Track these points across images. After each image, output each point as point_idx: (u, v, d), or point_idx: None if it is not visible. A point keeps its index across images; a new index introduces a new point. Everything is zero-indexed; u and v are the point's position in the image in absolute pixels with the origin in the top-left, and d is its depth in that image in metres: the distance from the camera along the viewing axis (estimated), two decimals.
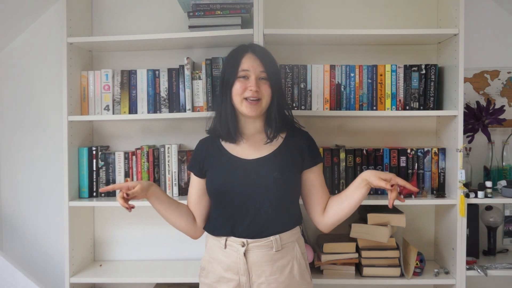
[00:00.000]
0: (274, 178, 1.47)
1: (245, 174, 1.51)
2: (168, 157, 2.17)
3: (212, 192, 1.57)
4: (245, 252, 1.48)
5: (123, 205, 1.44)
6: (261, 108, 1.50)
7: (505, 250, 2.27)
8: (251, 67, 1.48)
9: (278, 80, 1.55)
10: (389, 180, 1.45)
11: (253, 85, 1.47)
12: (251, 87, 1.47)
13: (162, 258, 2.35)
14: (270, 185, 1.47)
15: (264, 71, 1.49)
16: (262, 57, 1.51)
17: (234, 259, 1.50)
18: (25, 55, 2.37)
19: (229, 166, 1.53)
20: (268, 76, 1.50)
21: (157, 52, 2.31)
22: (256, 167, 1.51)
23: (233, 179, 1.50)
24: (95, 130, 2.36)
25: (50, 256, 2.38)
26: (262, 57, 1.51)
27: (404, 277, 2.02)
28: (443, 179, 2.15)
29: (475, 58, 2.27)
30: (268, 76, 1.50)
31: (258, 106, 1.49)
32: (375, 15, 2.28)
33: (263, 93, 1.49)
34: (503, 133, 2.27)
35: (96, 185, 2.19)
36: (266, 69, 1.50)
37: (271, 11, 2.24)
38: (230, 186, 1.51)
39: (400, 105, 2.11)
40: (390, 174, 1.47)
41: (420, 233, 2.29)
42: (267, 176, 1.48)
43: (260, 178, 1.49)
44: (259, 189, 1.47)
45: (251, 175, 1.50)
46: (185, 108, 2.12)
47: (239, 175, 1.51)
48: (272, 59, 1.55)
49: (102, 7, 2.35)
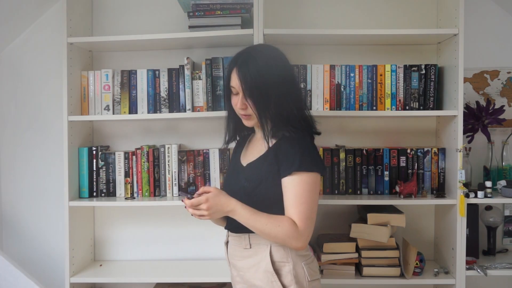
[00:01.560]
0: (242, 186, 1.48)
1: (229, 178, 1.63)
2: (168, 157, 2.17)
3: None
4: (227, 243, 1.59)
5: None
6: (254, 121, 1.49)
7: (505, 250, 2.27)
8: (235, 84, 1.46)
9: (265, 92, 1.42)
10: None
11: (238, 103, 1.46)
12: (237, 104, 1.47)
13: (162, 258, 2.35)
14: (238, 192, 1.47)
15: (246, 88, 1.43)
16: (244, 74, 1.43)
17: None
18: (25, 55, 2.37)
19: (229, 169, 1.60)
20: (249, 93, 1.42)
21: (157, 52, 2.31)
22: (239, 173, 1.54)
23: (224, 181, 1.61)
24: (95, 130, 2.36)
25: (50, 256, 2.38)
26: (244, 73, 1.43)
27: (404, 277, 2.02)
28: (443, 179, 2.15)
29: (475, 58, 2.27)
30: (250, 93, 1.42)
31: (250, 119, 1.49)
32: (375, 15, 2.28)
33: (250, 110, 1.45)
34: (503, 133, 2.27)
35: (96, 185, 2.19)
36: (246, 86, 1.42)
37: (271, 11, 2.24)
38: (223, 187, 1.58)
39: (400, 105, 2.11)
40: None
41: (420, 233, 2.29)
42: (236, 185, 1.52)
43: (232, 186, 1.54)
44: (232, 195, 1.46)
45: (231, 180, 1.60)
46: (185, 108, 2.12)
47: (226, 179, 1.59)
48: (256, 71, 1.42)
49: (102, 7, 2.35)
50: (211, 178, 2.19)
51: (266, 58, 1.45)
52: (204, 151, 2.20)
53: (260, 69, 1.42)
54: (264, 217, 1.39)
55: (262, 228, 1.39)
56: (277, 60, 1.47)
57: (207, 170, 2.20)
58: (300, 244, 1.39)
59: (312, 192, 1.40)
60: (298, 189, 1.39)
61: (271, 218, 1.39)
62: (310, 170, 1.40)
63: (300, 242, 1.38)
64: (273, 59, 1.46)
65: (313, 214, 1.41)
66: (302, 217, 1.38)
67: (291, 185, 1.40)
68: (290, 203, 1.40)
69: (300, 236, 1.37)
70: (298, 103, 1.49)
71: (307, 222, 1.38)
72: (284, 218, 1.39)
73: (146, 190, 2.17)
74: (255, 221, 1.39)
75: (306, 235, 1.39)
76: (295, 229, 1.37)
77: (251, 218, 1.40)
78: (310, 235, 1.40)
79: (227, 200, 1.41)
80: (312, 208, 1.40)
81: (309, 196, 1.39)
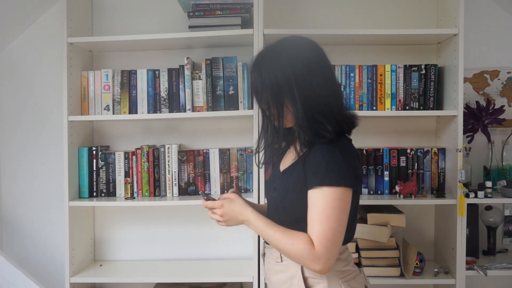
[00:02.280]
0: (272, 196, 1.39)
1: (266, 183, 1.50)
2: (168, 157, 2.17)
3: None
4: (264, 255, 1.44)
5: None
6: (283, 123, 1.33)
7: (505, 250, 2.27)
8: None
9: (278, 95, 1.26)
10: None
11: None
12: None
13: (162, 258, 2.35)
14: (269, 201, 1.43)
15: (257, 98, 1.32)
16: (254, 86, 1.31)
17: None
18: (25, 55, 2.37)
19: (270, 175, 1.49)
20: (260, 100, 1.30)
21: (157, 52, 2.31)
22: (273, 180, 1.42)
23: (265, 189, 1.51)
24: (95, 130, 2.36)
25: (50, 256, 2.38)
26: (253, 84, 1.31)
27: (404, 277, 2.02)
28: (443, 179, 2.15)
29: (475, 58, 2.27)
30: (260, 100, 1.30)
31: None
32: (375, 15, 2.28)
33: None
34: (503, 133, 2.27)
35: (96, 185, 2.19)
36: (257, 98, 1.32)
37: (271, 11, 2.24)
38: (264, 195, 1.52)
39: (400, 105, 2.11)
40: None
41: (420, 233, 2.29)
42: (268, 193, 1.45)
43: (266, 193, 1.49)
44: (267, 203, 1.44)
45: (266, 186, 1.50)
46: (185, 108, 2.12)
47: (266, 186, 1.50)
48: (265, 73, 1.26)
49: (102, 7, 2.35)
50: (211, 178, 2.20)
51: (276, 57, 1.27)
52: (204, 151, 2.20)
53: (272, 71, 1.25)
54: (279, 231, 1.26)
55: (276, 244, 1.26)
56: (297, 57, 1.26)
57: (207, 170, 2.20)
58: (318, 268, 1.20)
59: (336, 209, 1.20)
60: (320, 205, 1.21)
61: (286, 233, 1.25)
62: (336, 185, 1.20)
63: (318, 265, 1.20)
64: (290, 56, 1.26)
65: (336, 235, 1.20)
66: (320, 238, 1.19)
67: (313, 200, 1.22)
68: (310, 220, 1.22)
69: (317, 259, 1.19)
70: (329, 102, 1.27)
71: (326, 244, 1.19)
72: (301, 235, 1.22)
73: (146, 190, 2.17)
74: (268, 235, 1.27)
75: (325, 258, 1.19)
76: (309, 250, 1.19)
77: (265, 231, 1.27)
78: (331, 258, 1.20)
79: (241, 208, 1.31)
80: (334, 229, 1.19)
81: (331, 214, 1.20)
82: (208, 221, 2.32)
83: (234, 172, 2.20)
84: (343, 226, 1.22)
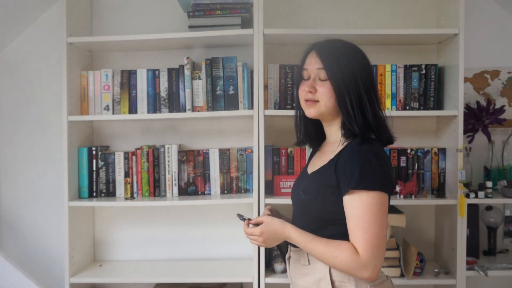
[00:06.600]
0: (301, 199, 1.38)
1: (294, 185, 1.49)
2: (168, 157, 2.17)
3: None
4: (289, 259, 1.45)
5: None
6: (319, 110, 1.33)
7: (505, 250, 2.27)
8: (309, 65, 1.35)
9: (348, 80, 1.29)
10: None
11: (308, 85, 1.33)
12: (305, 87, 1.34)
13: (162, 258, 2.35)
14: (298, 204, 1.41)
15: (323, 68, 1.31)
16: (325, 56, 1.32)
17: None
18: (25, 55, 2.37)
19: (298, 178, 1.50)
20: (328, 75, 1.30)
21: (157, 52, 2.31)
22: (302, 182, 1.43)
23: (292, 188, 1.51)
24: (95, 130, 2.36)
25: (50, 256, 2.38)
26: (325, 55, 1.32)
27: (404, 277, 2.02)
28: (443, 179, 2.15)
29: (475, 58, 2.26)
30: (329, 75, 1.30)
31: (315, 107, 1.33)
32: (375, 15, 2.28)
33: (321, 95, 1.31)
34: (503, 133, 2.27)
35: (96, 185, 2.19)
36: (325, 66, 1.31)
37: (271, 11, 2.24)
38: (291, 194, 1.51)
39: (400, 105, 2.11)
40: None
41: (420, 233, 2.29)
42: (297, 195, 1.42)
43: (294, 195, 1.46)
44: (295, 205, 1.44)
45: (294, 188, 1.47)
46: (185, 108, 2.12)
47: (293, 185, 1.49)
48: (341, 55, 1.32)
49: (102, 7, 2.35)
50: (211, 178, 2.19)
51: (348, 47, 1.36)
52: (204, 151, 2.20)
53: (344, 52, 1.33)
54: (322, 244, 1.25)
55: (320, 258, 1.27)
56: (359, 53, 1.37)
57: (207, 170, 2.19)
58: (366, 275, 1.20)
59: (376, 214, 1.19)
60: (359, 211, 1.20)
61: (329, 246, 1.24)
62: (372, 189, 1.20)
63: (366, 272, 1.20)
64: (354, 50, 1.36)
65: (381, 239, 1.20)
66: (365, 245, 1.19)
67: (351, 206, 1.22)
68: (351, 227, 1.22)
69: (364, 267, 1.19)
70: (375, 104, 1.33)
71: (372, 250, 1.18)
72: (344, 246, 1.22)
73: (146, 190, 2.17)
74: (311, 250, 1.27)
75: (373, 264, 1.19)
76: (355, 259, 1.19)
77: (307, 246, 1.28)
78: (378, 264, 1.20)
79: (281, 227, 1.32)
80: (378, 234, 1.19)
81: (372, 220, 1.19)
82: (208, 221, 2.33)
83: (234, 172, 2.20)
84: (385, 229, 1.22)
